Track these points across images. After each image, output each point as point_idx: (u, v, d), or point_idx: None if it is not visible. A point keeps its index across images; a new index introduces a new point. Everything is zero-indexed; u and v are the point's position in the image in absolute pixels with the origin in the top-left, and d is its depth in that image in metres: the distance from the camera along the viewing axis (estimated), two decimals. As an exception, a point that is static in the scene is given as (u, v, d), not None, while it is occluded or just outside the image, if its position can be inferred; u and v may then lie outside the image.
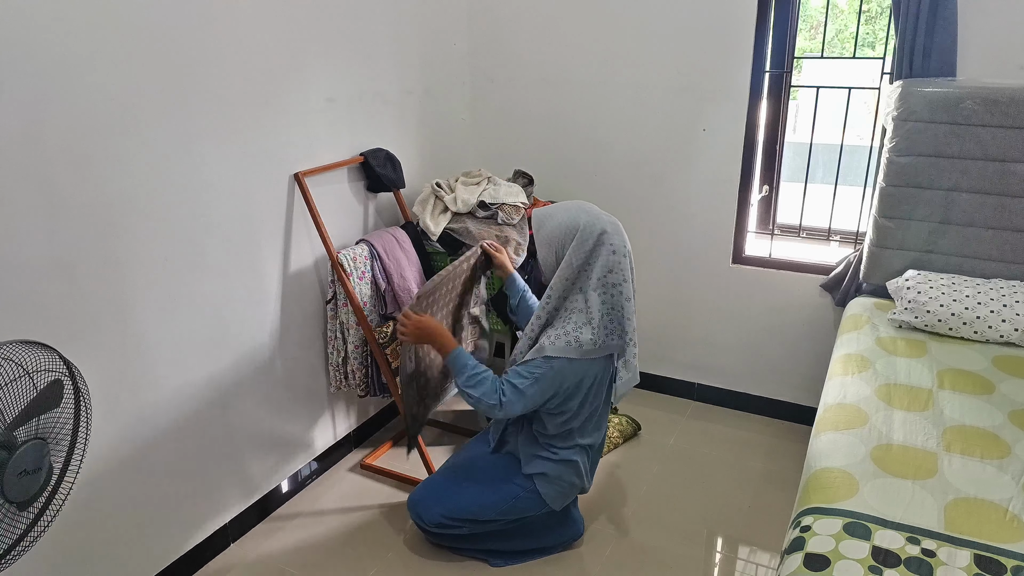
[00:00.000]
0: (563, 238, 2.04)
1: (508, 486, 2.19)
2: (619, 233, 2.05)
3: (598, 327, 2.01)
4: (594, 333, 2.01)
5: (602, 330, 2.03)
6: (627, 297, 2.02)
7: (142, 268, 1.94)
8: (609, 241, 2.01)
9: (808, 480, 1.63)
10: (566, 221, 2.05)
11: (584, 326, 2.01)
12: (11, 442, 1.26)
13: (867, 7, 2.82)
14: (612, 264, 2.00)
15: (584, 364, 2.03)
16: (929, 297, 2.31)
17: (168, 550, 2.16)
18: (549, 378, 2.01)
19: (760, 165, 2.95)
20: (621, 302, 2.03)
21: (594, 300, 2.01)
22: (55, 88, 1.67)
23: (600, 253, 2.00)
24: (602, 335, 2.03)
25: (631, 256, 2.06)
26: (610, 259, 2.00)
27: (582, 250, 2.01)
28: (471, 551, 2.29)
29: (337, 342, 2.55)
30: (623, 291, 2.02)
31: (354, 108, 2.62)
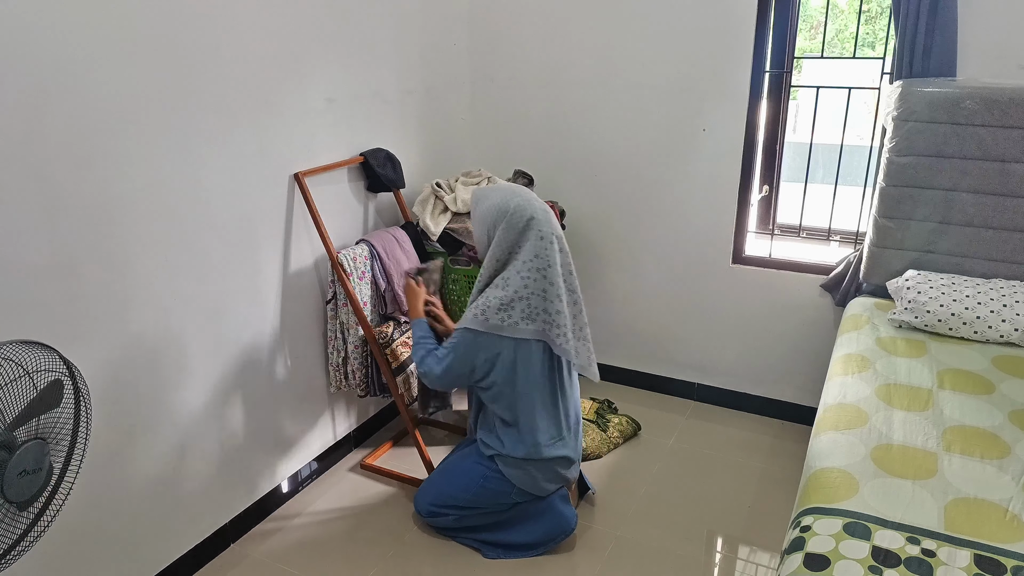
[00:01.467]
0: (495, 219, 2.11)
1: (475, 469, 2.28)
2: (548, 221, 2.11)
3: (510, 306, 2.07)
4: (503, 307, 2.06)
5: (517, 312, 2.07)
6: (551, 281, 2.07)
7: (142, 268, 1.94)
8: (537, 227, 2.07)
9: (808, 480, 1.63)
10: (498, 203, 2.12)
11: (495, 300, 2.07)
12: (11, 442, 1.26)
13: (867, 7, 2.82)
14: (538, 249, 2.07)
15: (492, 339, 2.09)
16: (929, 297, 2.31)
17: (168, 550, 2.16)
18: (462, 349, 2.12)
19: (760, 165, 2.95)
20: (544, 286, 2.07)
21: (515, 281, 2.07)
22: (55, 88, 1.67)
23: (528, 237, 2.07)
24: (516, 316, 2.07)
25: (561, 242, 2.12)
26: (537, 244, 2.07)
27: (511, 232, 2.08)
28: (468, 541, 2.35)
29: (337, 342, 2.55)
30: (547, 275, 2.07)
31: (354, 108, 2.62)
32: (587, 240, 3.22)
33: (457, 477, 2.33)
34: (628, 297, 3.25)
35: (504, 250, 2.10)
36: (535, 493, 2.27)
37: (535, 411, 2.19)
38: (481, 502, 2.28)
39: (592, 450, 2.80)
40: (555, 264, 2.08)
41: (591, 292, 3.29)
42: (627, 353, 3.33)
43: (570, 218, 3.17)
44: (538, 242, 2.07)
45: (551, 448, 2.22)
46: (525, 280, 2.07)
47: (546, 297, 2.08)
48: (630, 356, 3.33)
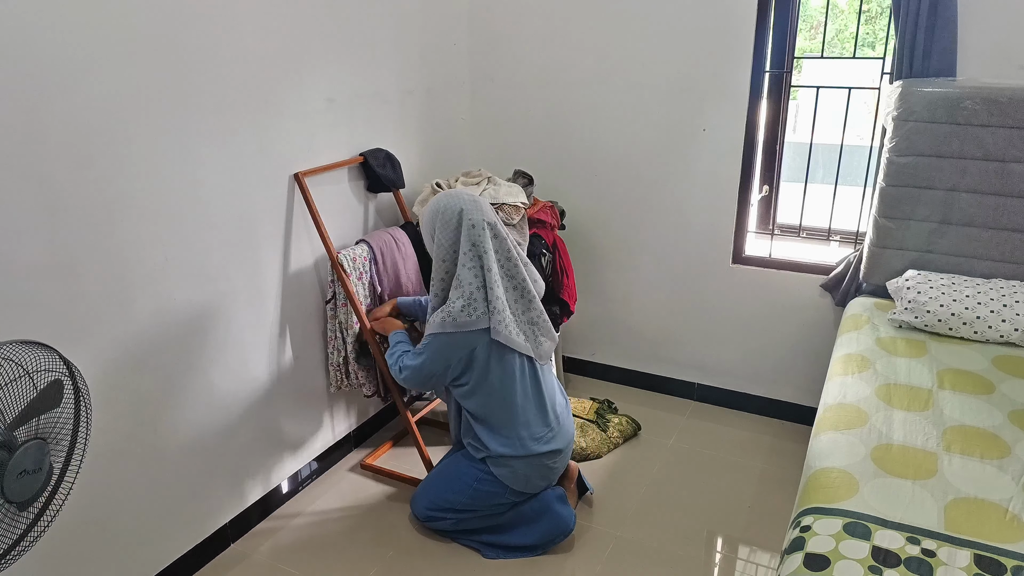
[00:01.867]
0: (432, 223, 2.17)
1: (469, 471, 2.29)
2: (478, 209, 2.13)
3: (470, 299, 2.10)
4: (466, 305, 2.09)
5: (480, 302, 2.10)
6: (487, 267, 2.11)
7: (142, 268, 1.94)
8: (468, 217, 2.11)
9: (808, 480, 1.63)
10: (432, 208, 2.18)
11: (457, 300, 2.10)
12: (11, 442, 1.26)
13: (867, 7, 2.82)
14: (473, 238, 2.10)
15: (465, 336, 2.11)
16: (929, 297, 2.31)
17: (168, 550, 2.16)
18: (434, 352, 2.13)
19: (760, 165, 2.95)
20: (484, 273, 2.11)
21: (465, 275, 2.11)
22: (55, 88, 1.67)
23: (462, 230, 2.11)
24: (480, 307, 2.10)
25: (495, 228, 2.15)
26: (470, 233, 2.10)
27: (448, 230, 2.12)
28: (467, 542, 2.35)
29: (337, 342, 2.55)
30: (483, 262, 2.11)
31: (354, 108, 2.62)
32: (587, 240, 3.22)
33: (451, 481, 2.33)
34: (628, 297, 3.25)
35: (446, 249, 2.13)
36: (528, 491, 2.28)
37: (516, 407, 2.20)
38: (476, 504, 2.28)
39: (592, 450, 2.80)
40: (489, 251, 2.11)
41: (591, 292, 3.29)
42: (627, 353, 3.33)
43: (570, 218, 3.17)
44: (470, 231, 2.10)
45: (538, 444, 2.23)
46: (473, 271, 2.11)
47: (487, 284, 2.11)
48: (630, 356, 3.33)
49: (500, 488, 2.25)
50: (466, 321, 2.09)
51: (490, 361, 2.15)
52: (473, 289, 2.10)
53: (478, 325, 2.10)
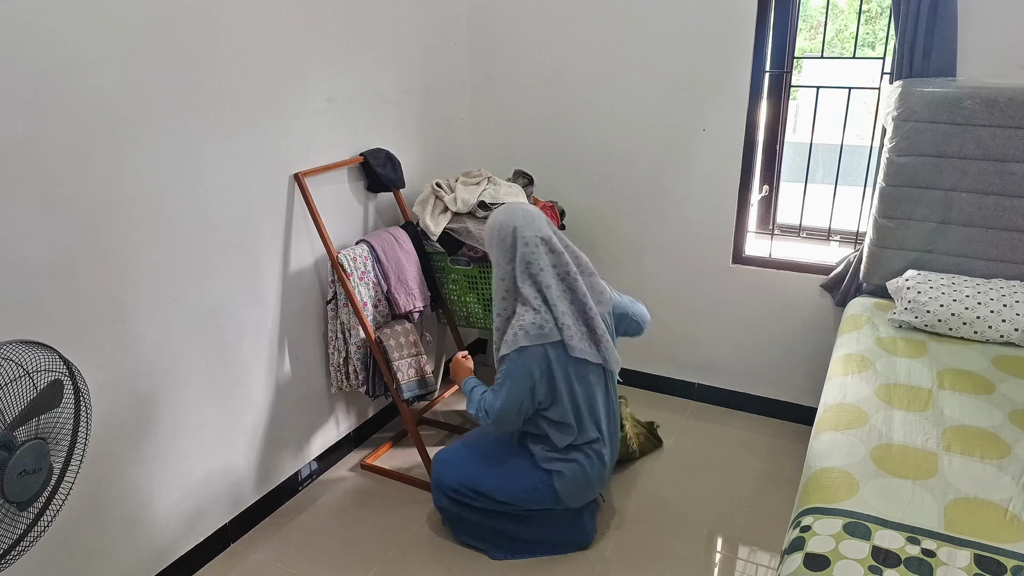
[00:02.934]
0: (489, 242, 2.16)
1: (528, 475, 2.20)
2: (531, 224, 2.10)
3: (538, 312, 2.06)
4: (537, 315, 2.05)
5: (547, 314, 2.07)
6: (546, 285, 2.07)
7: (142, 268, 1.94)
8: (521, 235, 2.08)
9: (808, 480, 1.63)
10: (490, 225, 2.17)
11: (527, 313, 2.06)
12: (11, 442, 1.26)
13: (867, 7, 2.82)
14: (527, 256, 2.07)
15: (541, 350, 2.05)
16: (929, 297, 2.31)
17: (168, 550, 2.16)
18: (514, 376, 2.06)
19: (760, 165, 2.95)
20: (542, 290, 2.07)
21: (527, 291, 2.08)
22: (55, 88, 1.67)
23: (516, 248, 2.08)
24: (549, 320, 2.06)
25: (550, 242, 2.10)
26: (524, 251, 2.07)
27: (503, 249, 2.11)
28: (477, 532, 2.30)
29: (338, 342, 2.55)
30: (541, 280, 2.07)
31: (354, 108, 2.62)
32: (587, 240, 3.22)
33: (505, 478, 2.22)
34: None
35: (504, 268, 2.11)
36: (575, 506, 2.25)
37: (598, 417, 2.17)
38: (518, 503, 2.21)
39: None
40: (546, 267, 2.08)
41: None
42: (627, 353, 3.33)
43: (570, 218, 3.17)
44: (524, 249, 2.08)
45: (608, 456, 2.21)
46: (533, 288, 2.07)
47: (549, 301, 2.07)
48: (630, 356, 3.33)
49: (552, 500, 2.19)
50: (539, 333, 2.05)
51: (569, 374, 2.10)
52: (539, 304, 2.07)
53: (551, 337, 2.06)
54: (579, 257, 2.19)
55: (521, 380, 2.06)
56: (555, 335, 2.06)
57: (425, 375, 2.62)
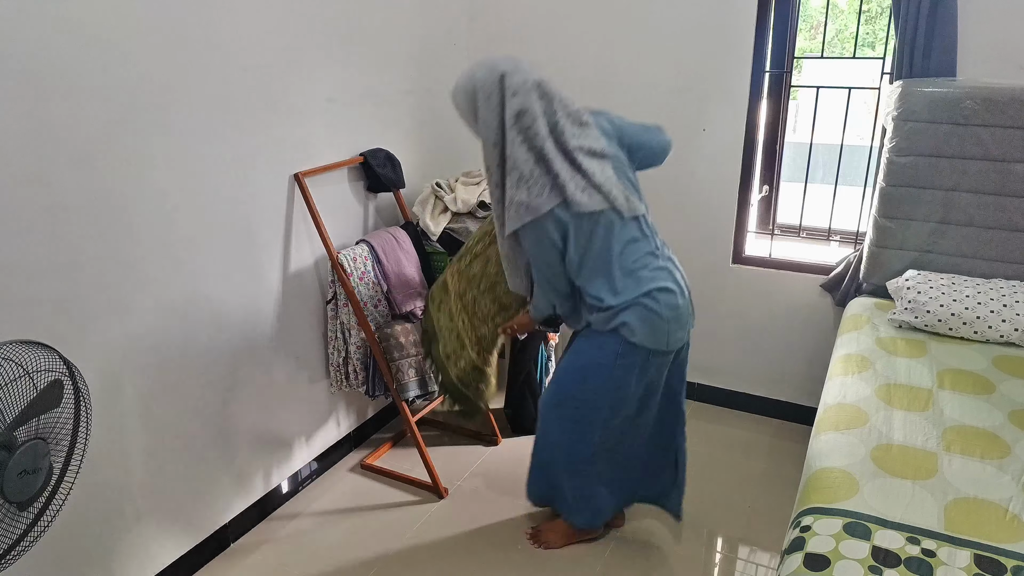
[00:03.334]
0: (471, 105, 1.88)
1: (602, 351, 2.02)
2: (519, 70, 1.84)
3: (529, 178, 1.84)
4: (529, 191, 1.84)
5: (539, 178, 1.84)
6: (543, 136, 1.83)
7: (142, 268, 1.94)
8: (508, 83, 1.82)
9: (808, 480, 1.63)
10: (466, 86, 1.89)
11: (520, 184, 1.85)
12: (11, 442, 1.26)
13: (867, 7, 2.82)
14: (517, 107, 1.82)
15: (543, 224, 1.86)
16: (929, 297, 2.31)
17: (168, 550, 2.16)
18: (531, 252, 1.93)
19: (760, 165, 2.95)
20: (539, 143, 1.83)
21: (518, 154, 1.83)
22: (55, 88, 1.67)
23: (504, 101, 1.82)
24: (541, 182, 1.84)
25: (543, 86, 1.85)
26: (513, 102, 1.81)
27: (490, 107, 1.84)
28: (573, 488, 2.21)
29: (338, 342, 2.55)
30: (537, 131, 1.82)
31: (354, 108, 2.62)
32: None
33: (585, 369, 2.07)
34: (628, 297, 3.24)
35: (494, 129, 1.85)
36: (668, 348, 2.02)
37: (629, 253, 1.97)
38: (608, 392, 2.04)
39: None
40: (540, 115, 1.82)
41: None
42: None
43: (570, 218, 3.16)
44: (512, 99, 1.81)
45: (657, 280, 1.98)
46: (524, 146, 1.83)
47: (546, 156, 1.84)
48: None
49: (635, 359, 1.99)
50: (536, 204, 1.83)
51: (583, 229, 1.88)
52: (531, 167, 1.83)
53: (548, 205, 1.83)
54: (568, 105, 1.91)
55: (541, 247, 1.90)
56: (555, 198, 1.84)
57: (426, 375, 2.62)
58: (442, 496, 2.61)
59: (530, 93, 1.82)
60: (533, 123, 1.82)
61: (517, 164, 1.84)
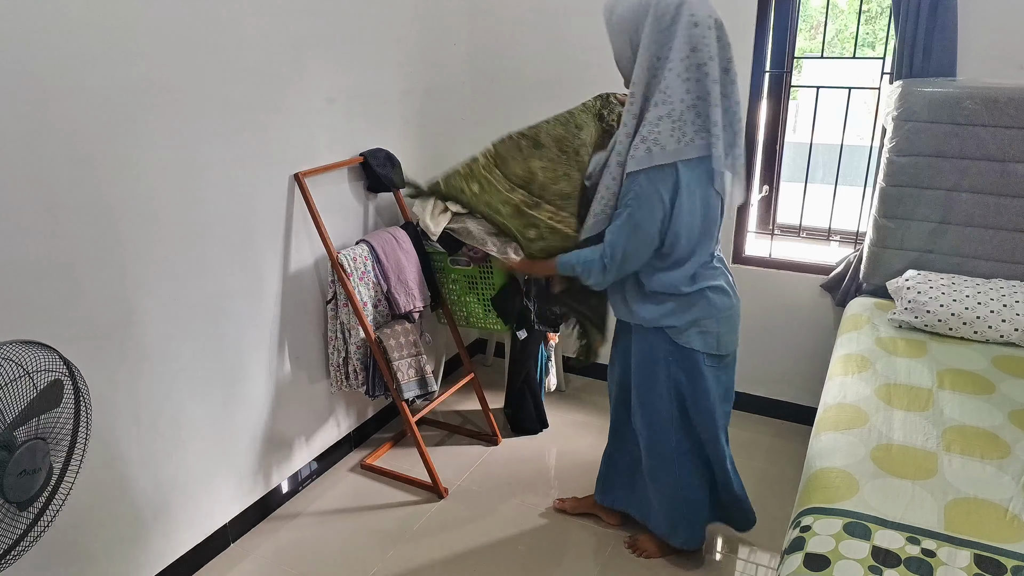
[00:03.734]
0: (636, 20, 1.70)
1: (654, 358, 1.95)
2: (704, 2, 1.67)
3: (680, 120, 1.67)
4: (675, 128, 1.67)
5: (689, 124, 1.68)
6: (713, 79, 1.66)
7: (142, 268, 1.94)
8: (689, 11, 1.63)
9: (808, 480, 1.63)
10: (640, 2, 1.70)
11: (663, 121, 1.67)
12: (11, 442, 1.26)
13: (867, 7, 2.82)
14: (695, 40, 1.64)
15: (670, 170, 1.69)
16: (929, 297, 2.31)
17: (168, 550, 2.16)
18: (642, 199, 1.71)
19: (760, 165, 2.95)
20: (707, 85, 1.66)
21: (676, 86, 1.66)
22: (55, 88, 1.67)
23: (679, 28, 1.64)
24: (690, 132, 1.68)
25: (721, 27, 1.68)
26: (692, 33, 1.63)
27: (658, 29, 1.66)
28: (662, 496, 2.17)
29: (337, 342, 2.55)
30: (708, 71, 1.65)
31: (354, 108, 2.62)
32: (587, 240, 3.22)
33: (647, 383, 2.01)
34: (628, 297, 3.24)
35: (653, 53, 1.67)
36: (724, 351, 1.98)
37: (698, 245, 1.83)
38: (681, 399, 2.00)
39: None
40: (715, 58, 1.66)
41: (591, 292, 3.29)
42: (627, 353, 3.33)
43: (570, 218, 3.16)
44: (692, 31, 1.63)
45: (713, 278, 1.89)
46: (687, 84, 1.66)
47: (710, 101, 1.68)
48: (630, 356, 3.33)
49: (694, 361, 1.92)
50: (676, 149, 1.66)
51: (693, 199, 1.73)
52: (684, 107, 1.66)
53: (688, 154, 1.67)
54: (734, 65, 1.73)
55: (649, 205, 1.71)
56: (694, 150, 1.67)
57: (425, 375, 2.62)
58: (442, 496, 2.61)
59: (711, 30, 1.65)
60: (707, 63, 1.65)
61: (670, 99, 1.67)
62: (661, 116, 1.67)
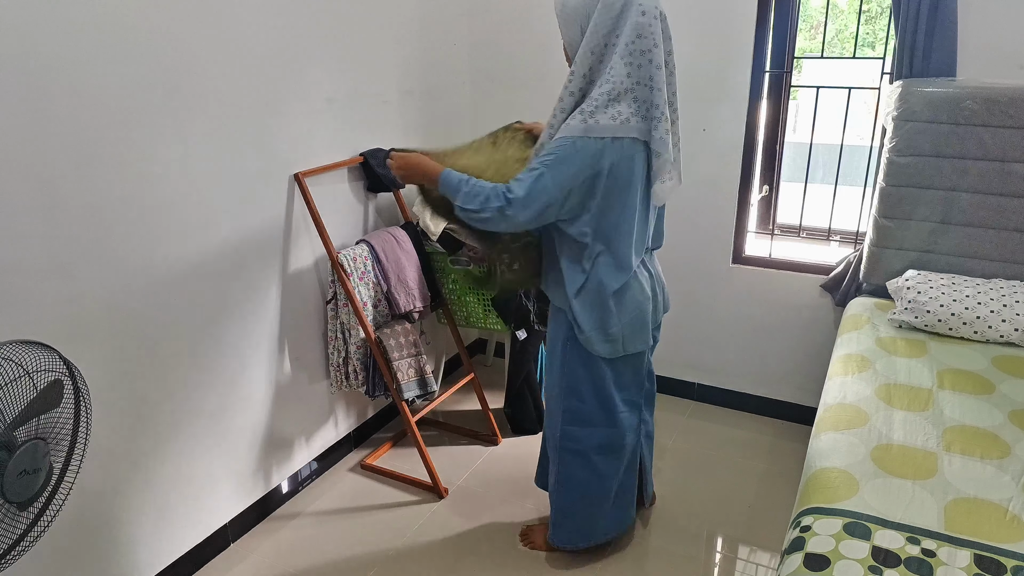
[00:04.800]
0: (587, 8, 1.77)
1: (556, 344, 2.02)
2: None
3: (618, 100, 1.74)
4: (612, 106, 1.73)
5: (626, 106, 1.74)
6: (657, 65, 1.73)
7: (142, 268, 1.94)
8: (639, 2, 1.72)
9: (808, 480, 1.63)
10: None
11: (602, 98, 1.73)
12: (11, 442, 1.26)
13: (867, 7, 2.82)
14: (641, 28, 1.72)
15: (600, 144, 1.73)
16: (929, 297, 2.31)
17: (168, 550, 2.16)
18: (563, 160, 1.72)
19: (760, 165, 2.95)
20: (650, 71, 1.73)
21: (618, 70, 1.73)
22: (55, 88, 1.67)
23: (627, 17, 1.72)
24: (626, 111, 1.74)
25: (665, 19, 1.78)
26: (639, 21, 1.72)
27: (608, 15, 1.73)
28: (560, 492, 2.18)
29: (337, 342, 2.55)
30: (652, 58, 1.73)
31: (354, 108, 2.62)
32: (587, 240, 3.22)
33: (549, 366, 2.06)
34: (628, 297, 3.24)
35: (600, 37, 1.74)
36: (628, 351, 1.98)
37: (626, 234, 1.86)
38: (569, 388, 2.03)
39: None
40: (660, 46, 1.74)
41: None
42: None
43: (570, 218, 3.16)
44: (639, 18, 1.71)
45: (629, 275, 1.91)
46: (628, 68, 1.73)
47: (653, 85, 1.74)
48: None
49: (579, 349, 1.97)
50: (610, 125, 1.71)
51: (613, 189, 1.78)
52: (623, 90, 1.72)
53: (623, 132, 1.72)
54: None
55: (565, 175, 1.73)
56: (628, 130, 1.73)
57: (425, 375, 2.62)
58: (442, 496, 2.61)
59: (656, 21, 1.74)
60: (651, 49, 1.73)
61: (612, 79, 1.73)
62: (602, 94, 1.74)
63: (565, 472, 2.13)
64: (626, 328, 1.95)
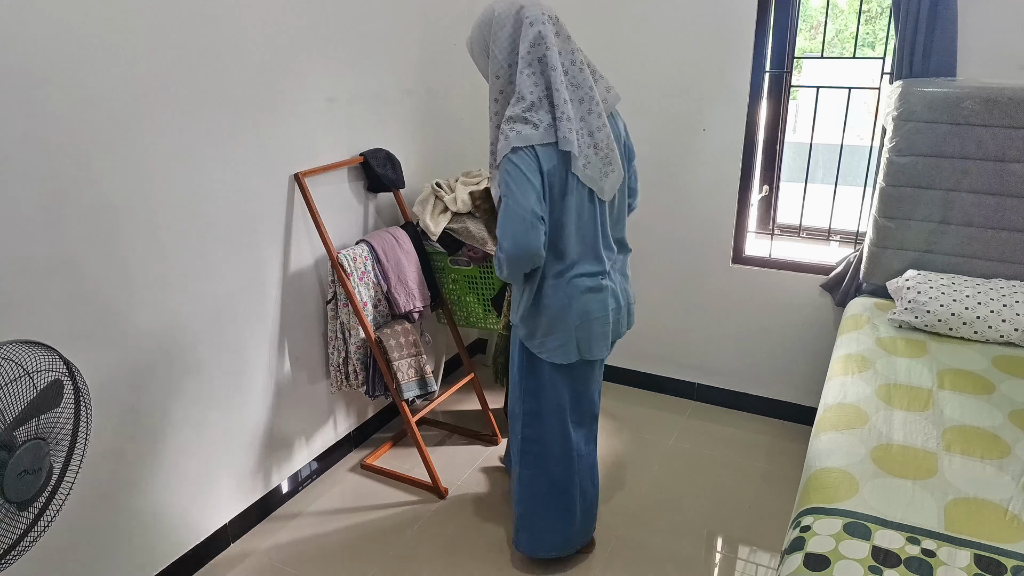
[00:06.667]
0: (485, 36, 1.86)
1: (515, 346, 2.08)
2: (537, 4, 1.83)
3: (531, 111, 1.79)
4: (529, 118, 1.78)
5: (544, 112, 1.80)
6: (552, 67, 1.79)
7: (142, 268, 1.94)
8: (526, 15, 1.80)
9: (808, 480, 1.63)
10: (483, 19, 1.88)
11: (518, 113, 1.79)
12: (11, 442, 1.26)
13: (867, 7, 2.82)
14: (533, 38, 1.79)
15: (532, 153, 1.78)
16: (929, 297, 2.31)
17: (168, 550, 2.16)
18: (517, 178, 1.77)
19: (760, 165, 2.95)
20: (548, 73, 1.80)
21: (524, 83, 1.79)
22: (56, 88, 1.67)
23: (519, 33, 1.80)
24: (544, 117, 1.79)
25: (557, 21, 1.83)
26: (528, 32, 1.79)
27: (503, 38, 1.82)
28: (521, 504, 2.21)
29: (337, 342, 2.55)
30: (548, 61, 1.79)
31: (354, 108, 2.62)
32: (587, 240, 3.22)
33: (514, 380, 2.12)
34: (628, 297, 3.24)
35: (502, 60, 1.83)
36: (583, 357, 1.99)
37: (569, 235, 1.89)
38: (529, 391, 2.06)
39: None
40: (552, 48, 1.79)
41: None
42: (627, 353, 3.33)
43: (570, 218, 3.16)
44: (528, 30, 1.78)
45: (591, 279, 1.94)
46: (533, 77, 1.79)
47: (552, 85, 1.80)
48: (630, 356, 3.33)
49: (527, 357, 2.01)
50: (531, 134, 1.77)
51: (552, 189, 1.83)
52: (535, 99, 1.78)
53: (545, 139, 1.78)
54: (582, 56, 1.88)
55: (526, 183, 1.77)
56: (550, 135, 1.79)
57: (425, 375, 2.62)
58: (442, 496, 2.61)
59: (546, 24, 1.80)
60: (545, 53, 1.79)
61: (523, 94, 1.80)
62: (516, 111, 1.80)
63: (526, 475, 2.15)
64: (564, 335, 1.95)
